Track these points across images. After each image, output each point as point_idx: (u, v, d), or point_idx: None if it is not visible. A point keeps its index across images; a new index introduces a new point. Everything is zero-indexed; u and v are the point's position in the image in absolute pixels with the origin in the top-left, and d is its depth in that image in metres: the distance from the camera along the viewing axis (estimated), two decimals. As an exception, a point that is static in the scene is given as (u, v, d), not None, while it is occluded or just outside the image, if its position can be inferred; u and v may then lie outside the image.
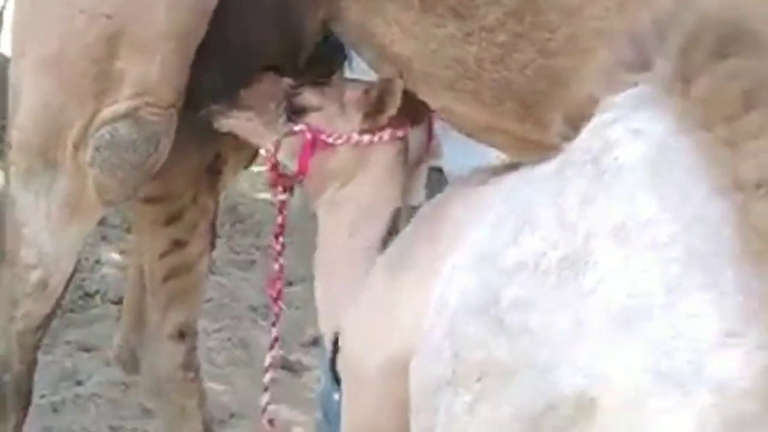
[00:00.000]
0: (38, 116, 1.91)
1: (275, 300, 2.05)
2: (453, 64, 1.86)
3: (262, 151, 2.02)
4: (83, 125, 1.88)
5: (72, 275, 2.11)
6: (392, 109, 1.85)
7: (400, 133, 1.88)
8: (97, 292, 4.33)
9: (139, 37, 1.82)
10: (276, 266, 2.03)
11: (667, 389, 1.11)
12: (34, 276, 2.04)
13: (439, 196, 1.79)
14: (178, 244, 2.27)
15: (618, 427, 1.13)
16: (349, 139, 1.84)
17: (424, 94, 1.94)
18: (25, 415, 2.21)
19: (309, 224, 2.18)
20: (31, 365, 2.18)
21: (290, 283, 4.53)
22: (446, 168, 2.72)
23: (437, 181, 2.71)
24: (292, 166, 1.88)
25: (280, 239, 2.03)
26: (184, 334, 2.41)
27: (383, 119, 1.85)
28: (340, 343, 1.81)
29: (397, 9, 1.85)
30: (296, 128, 1.85)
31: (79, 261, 4.47)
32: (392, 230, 1.87)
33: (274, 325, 2.06)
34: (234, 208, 5.34)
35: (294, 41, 1.99)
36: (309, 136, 1.84)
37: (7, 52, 2.12)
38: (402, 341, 1.56)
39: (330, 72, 2.12)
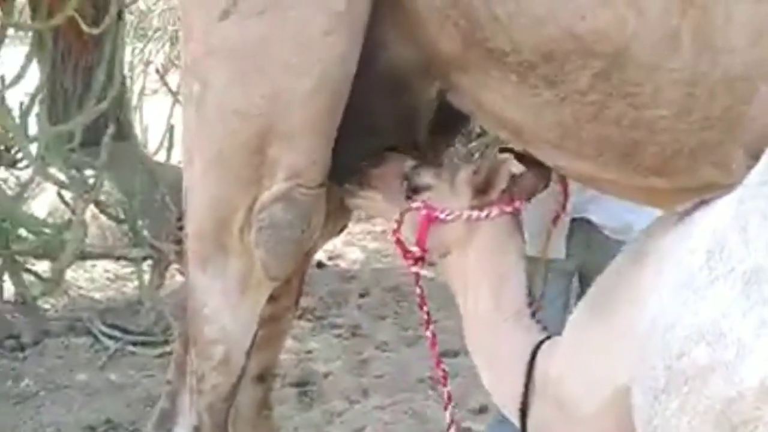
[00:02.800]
0: (209, 208, 2.17)
1: (438, 364, 2.24)
2: (554, 126, 2.00)
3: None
4: (246, 211, 2.12)
5: (251, 348, 2.34)
6: (499, 188, 2.02)
7: (508, 209, 2.05)
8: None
9: (285, 128, 2.05)
10: (428, 334, 2.23)
11: None
12: (218, 351, 2.26)
13: (637, 239, 1.92)
14: (270, 298, 2.42)
15: None
16: (460, 215, 2.02)
17: (537, 155, 2.11)
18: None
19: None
20: (224, 434, 2.43)
21: (455, 354, 4.71)
22: (595, 219, 2.85)
23: (587, 231, 2.84)
24: (413, 240, 2.08)
25: (425, 308, 2.22)
26: (264, 377, 2.65)
27: (491, 197, 2.03)
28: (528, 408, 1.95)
29: (498, 82, 2.02)
30: (414, 205, 2.06)
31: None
32: (530, 292, 2.04)
33: (447, 393, 2.26)
34: (397, 287, 5.59)
35: (412, 116, 2.20)
36: (424, 212, 2.04)
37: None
38: (623, 374, 1.70)
39: (452, 138, 2.30)
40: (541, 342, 1.99)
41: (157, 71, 6.68)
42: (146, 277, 4.63)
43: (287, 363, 4.58)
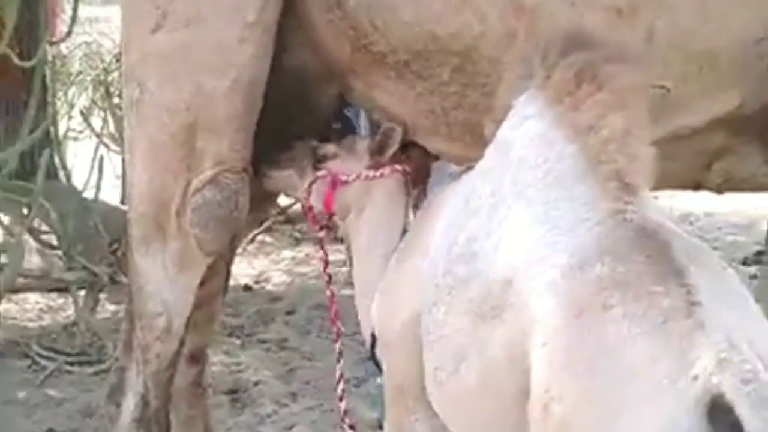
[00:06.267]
0: (148, 194, 2.60)
1: (333, 319, 2.73)
2: (428, 115, 2.53)
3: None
4: (181, 195, 2.56)
5: (189, 318, 2.74)
6: (391, 150, 2.51)
7: (398, 168, 2.53)
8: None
9: (209, 121, 2.51)
10: (328, 293, 2.71)
11: (542, 260, 1.75)
12: (160, 322, 2.68)
13: (426, 200, 2.46)
14: (201, 284, 2.76)
15: (521, 290, 1.77)
16: (359, 176, 2.50)
17: (420, 142, 2.61)
18: (166, 444, 2.83)
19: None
20: (166, 401, 2.81)
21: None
22: None
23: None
24: (320, 206, 2.55)
25: (327, 269, 2.69)
26: (196, 357, 3.03)
27: (384, 158, 2.51)
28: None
29: (382, 80, 2.53)
30: (320, 174, 2.53)
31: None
32: None
33: (336, 341, 2.76)
34: (321, 305, 5.97)
35: (318, 114, 2.68)
36: (329, 178, 2.51)
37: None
38: (411, 306, 2.20)
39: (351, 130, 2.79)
40: None
41: (82, 113, 7.01)
42: (80, 301, 4.93)
43: (219, 374, 4.92)
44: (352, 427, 2.75)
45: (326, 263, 2.70)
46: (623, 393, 1.53)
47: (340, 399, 2.77)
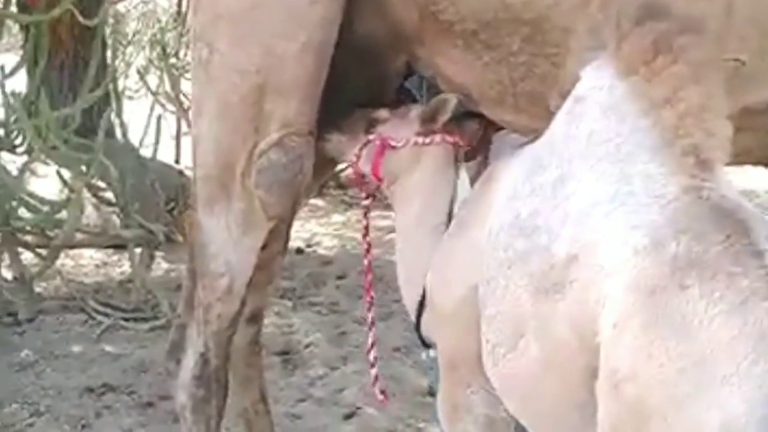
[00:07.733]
0: (214, 155, 2.61)
1: (368, 288, 2.74)
2: (495, 85, 2.49)
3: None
4: (247, 157, 2.57)
5: (251, 280, 2.77)
6: (443, 119, 2.49)
7: (449, 139, 2.51)
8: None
9: (278, 84, 2.51)
10: (365, 262, 2.73)
11: (612, 237, 1.74)
12: (223, 282, 2.70)
13: (486, 171, 2.41)
14: (262, 246, 2.78)
15: (587, 265, 1.76)
16: (407, 141, 2.50)
17: (485, 112, 2.58)
18: (225, 403, 2.88)
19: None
20: (225, 360, 2.85)
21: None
22: None
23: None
24: (368, 170, 2.55)
25: (368, 238, 2.71)
26: (255, 318, 3.09)
27: (436, 126, 2.50)
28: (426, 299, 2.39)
29: (449, 49, 2.50)
30: (371, 137, 2.53)
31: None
32: (451, 213, 2.51)
33: (369, 309, 2.75)
34: (372, 270, 6.02)
35: (382, 82, 2.67)
36: (379, 142, 2.51)
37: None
38: (469, 279, 2.18)
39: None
40: None
41: (139, 72, 7.08)
42: (136, 258, 5.03)
43: (271, 335, 4.99)
44: (382, 392, 2.76)
45: (367, 230, 2.72)
46: (699, 375, 1.52)
47: (372, 365, 2.75)
